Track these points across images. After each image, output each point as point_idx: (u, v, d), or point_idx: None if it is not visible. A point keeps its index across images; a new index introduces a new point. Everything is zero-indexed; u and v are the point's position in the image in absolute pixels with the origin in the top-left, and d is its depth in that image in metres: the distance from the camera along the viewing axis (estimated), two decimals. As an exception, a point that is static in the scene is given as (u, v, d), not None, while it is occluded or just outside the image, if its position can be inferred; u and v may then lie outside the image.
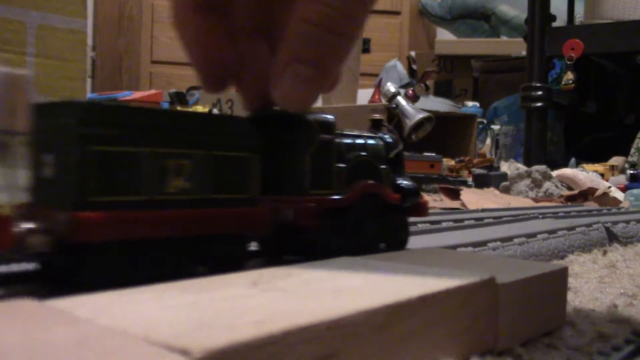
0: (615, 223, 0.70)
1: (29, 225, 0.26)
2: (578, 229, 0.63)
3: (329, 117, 0.38)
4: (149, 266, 0.29)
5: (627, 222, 0.72)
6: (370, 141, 0.42)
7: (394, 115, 1.59)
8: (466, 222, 0.66)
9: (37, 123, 0.27)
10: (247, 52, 0.38)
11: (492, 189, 1.29)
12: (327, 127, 0.38)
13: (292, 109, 0.35)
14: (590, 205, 1.12)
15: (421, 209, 0.44)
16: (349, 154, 0.39)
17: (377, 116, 0.45)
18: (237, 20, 0.38)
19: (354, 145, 0.40)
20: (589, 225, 0.65)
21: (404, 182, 0.43)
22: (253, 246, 0.38)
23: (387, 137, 0.44)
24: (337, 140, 0.39)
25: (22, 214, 0.26)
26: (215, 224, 0.32)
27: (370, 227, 0.40)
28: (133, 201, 0.28)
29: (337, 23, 0.33)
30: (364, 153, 0.40)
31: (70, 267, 0.27)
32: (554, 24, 2.07)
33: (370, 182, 0.40)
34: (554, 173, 1.37)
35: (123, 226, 0.28)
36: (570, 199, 1.21)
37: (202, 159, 0.31)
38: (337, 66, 0.35)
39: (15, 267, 0.32)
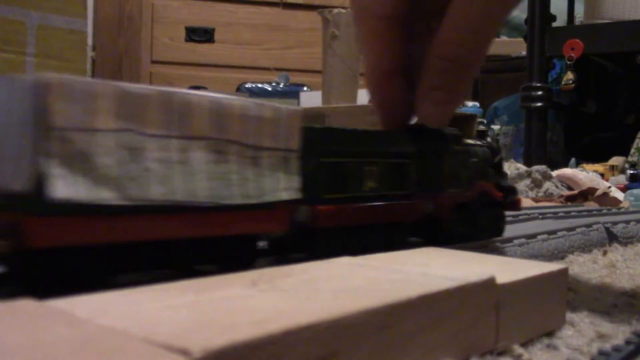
0: (615, 223, 0.70)
1: None
2: (578, 230, 0.63)
3: (457, 131, 0.49)
4: (356, 244, 0.40)
5: (627, 222, 0.72)
6: (481, 149, 0.52)
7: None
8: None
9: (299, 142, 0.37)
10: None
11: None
12: (457, 139, 0.49)
13: (431, 126, 0.45)
14: (590, 205, 1.12)
15: (516, 205, 0.55)
16: (469, 160, 0.49)
17: (482, 128, 0.56)
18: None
19: (471, 152, 0.50)
20: (588, 225, 0.65)
21: (504, 183, 0.53)
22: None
23: (493, 145, 0.54)
24: (462, 148, 0.49)
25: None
26: (391, 213, 0.43)
27: (482, 218, 0.50)
28: (345, 197, 0.39)
29: (467, 58, 0.42)
30: (476, 159, 0.50)
31: (308, 245, 0.39)
32: (554, 24, 2.07)
33: (483, 182, 0.50)
34: (554, 173, 1.37)
35: (342, 215, 0.39)
36: (570, 199, 1.21)
37: (382, 165, 0.42)
38: (465, 90, 0.45)
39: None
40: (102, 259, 0.29)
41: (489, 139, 0.55)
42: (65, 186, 0.26)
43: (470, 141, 0.51)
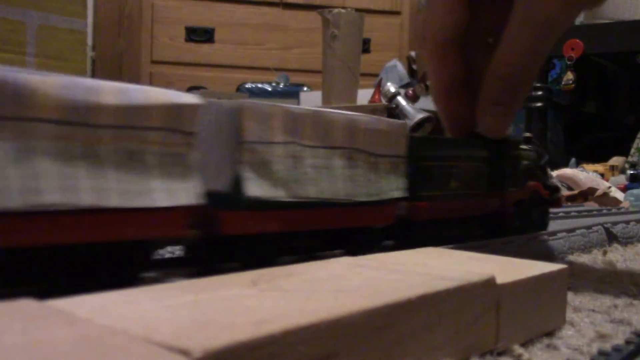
0: (615, 223, 0.70)
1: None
2: (578, 231, 0.63)
3: (516, 139, 0.56)
4: (443, 235, 0.45)
5: (627, 222, 0.72)
6: (531, 153, 0.59)
7: (394, 116, 1.59)
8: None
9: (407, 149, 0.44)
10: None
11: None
12: (516, 145, 0.56)
13: (492, 137, 0.50)
14: (590, 205, 1.12)
15: (559, 202, 0.63)
16: (522, 162, 0.56)
17: (528, 135, 0.63)
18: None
19: (524, 155, 0.57)
20: (588, 227, 0.65)
21: (549, 182, 0.60)
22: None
23: (539, 149, 0.60)
24: (517, 152, 0.56)
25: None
26: (469, 209, 0.50)
27: (533, 213, 0.57)
28: (435, 195, 0.46)
29: (521, 78, 0.48)
30: (527, 161, 0.57)
31: (404, 235, 0.45)
32: (554, 24, 2.07)
33: (534, 182, 0.57)
34: (554, 173, 1.36)
35: (433, 210, 0.46)
36: (570, 199, 1.21)
37: (461, 167, 0.48)
38: (521, 103, 0.51)
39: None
40: (268, 245, 0.37)
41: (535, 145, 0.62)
42: (254, 186, 0.33)
43: (523, 146, 0.58)
